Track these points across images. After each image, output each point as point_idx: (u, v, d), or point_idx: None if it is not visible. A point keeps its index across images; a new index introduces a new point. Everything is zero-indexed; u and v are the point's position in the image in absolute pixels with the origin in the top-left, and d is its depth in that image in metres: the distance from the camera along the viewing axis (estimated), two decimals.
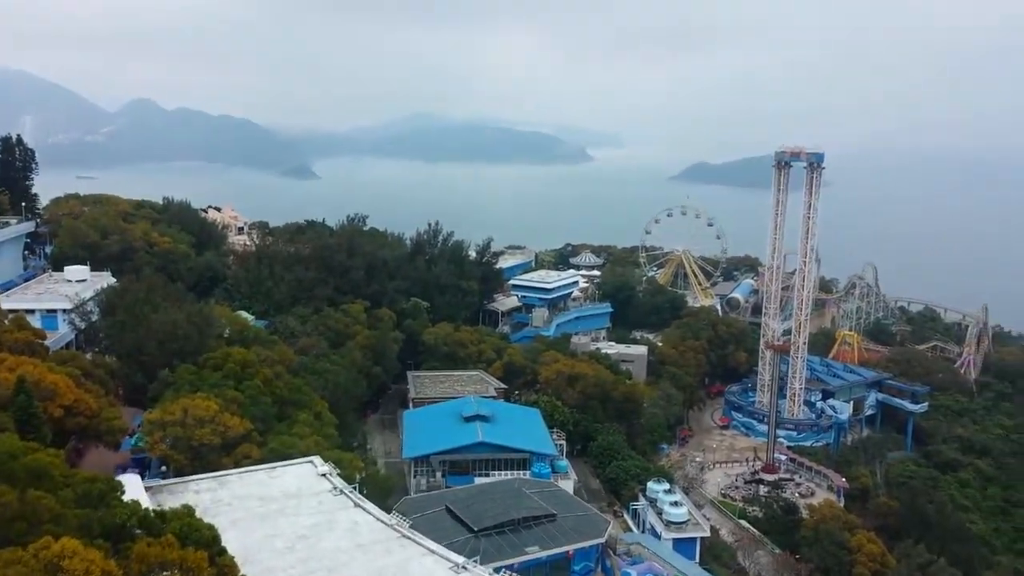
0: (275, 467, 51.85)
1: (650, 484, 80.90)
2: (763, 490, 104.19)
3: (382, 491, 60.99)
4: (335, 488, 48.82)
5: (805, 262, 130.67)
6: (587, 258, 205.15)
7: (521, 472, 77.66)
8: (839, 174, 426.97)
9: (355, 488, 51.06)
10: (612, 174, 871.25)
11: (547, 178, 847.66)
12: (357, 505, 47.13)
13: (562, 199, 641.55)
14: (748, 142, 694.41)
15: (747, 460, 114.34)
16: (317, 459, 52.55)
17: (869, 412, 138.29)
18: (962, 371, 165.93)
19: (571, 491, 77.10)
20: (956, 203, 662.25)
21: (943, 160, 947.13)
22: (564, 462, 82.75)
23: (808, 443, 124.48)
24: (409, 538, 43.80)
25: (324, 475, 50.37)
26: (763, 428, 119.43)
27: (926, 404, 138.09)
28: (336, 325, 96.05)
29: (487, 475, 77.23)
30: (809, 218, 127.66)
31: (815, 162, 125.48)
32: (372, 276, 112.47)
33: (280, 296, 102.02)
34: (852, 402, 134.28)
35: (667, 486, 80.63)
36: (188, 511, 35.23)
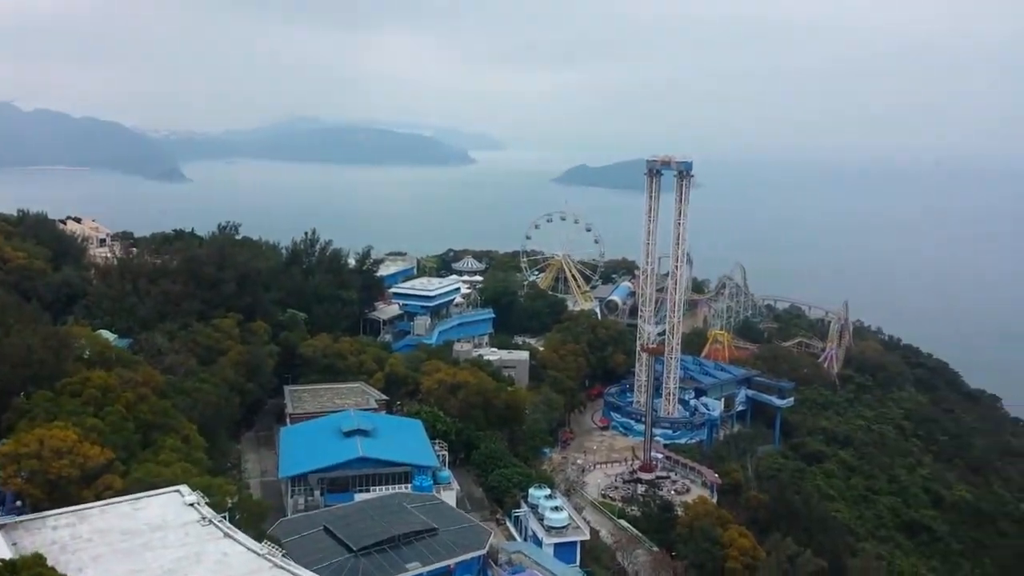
0: (139, 498, 49.47)
1: (531, 490, 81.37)
2: (641, 489, 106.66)
3: (256, 515, 59.12)
4: (203, 518, 47.02)
5: (677, 266, 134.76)
6: (469, 263, 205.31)
7: (403, 486, 76.53)
8: (708, 178, 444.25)
9: (226, 515, 49.42)
10: (494, 177, 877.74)
11: (428, 180, 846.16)
12: (227, 535, 45.57)
13: (444, 202, 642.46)
14: (626, 146, 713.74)
15: (626, 460, 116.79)
16: (184, 487, 50.47)
17: (740, 408, 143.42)
18: (825, 365, 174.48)
19: (454, 502, 76.88)
20: (813, 205, 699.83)
21: (799, 164, 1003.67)
22: (446, 473, 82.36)
23: (683, 441, 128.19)
24: (282, 567, 42.71)
25: (192, 504, 48.45)
26: (641, 428, 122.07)
27: (792, 399, 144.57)
28: (206, 341, 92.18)
29: (368, 491, 75.50)
30: (680, 224, 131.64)
31: (684, 170, 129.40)
32: (245, 288, 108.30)
33: (145, 312, 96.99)
34: (724, 399, 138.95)
35: (548, 491, 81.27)
36: (39, 560, 33.30)
